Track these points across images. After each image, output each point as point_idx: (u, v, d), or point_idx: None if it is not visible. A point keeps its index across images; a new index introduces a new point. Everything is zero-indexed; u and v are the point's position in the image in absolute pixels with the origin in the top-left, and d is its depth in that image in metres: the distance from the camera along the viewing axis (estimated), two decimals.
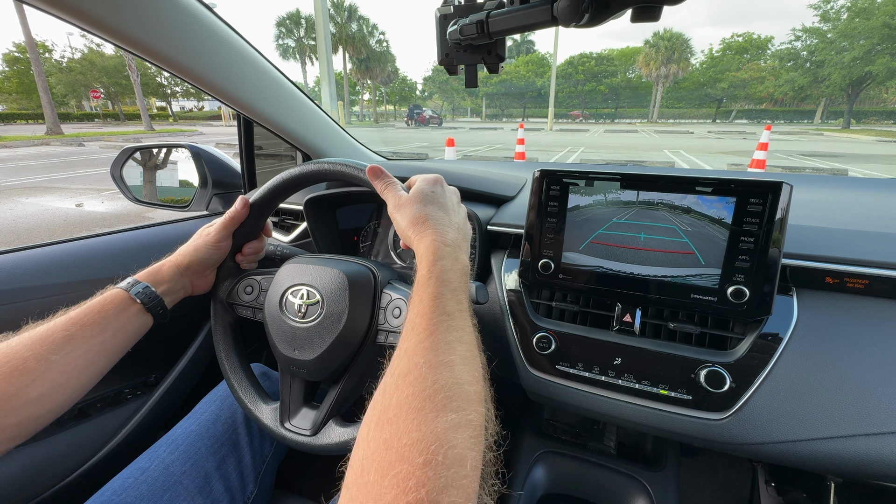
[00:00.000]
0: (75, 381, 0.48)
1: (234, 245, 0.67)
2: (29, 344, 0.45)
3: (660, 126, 36.13)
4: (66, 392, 0.47)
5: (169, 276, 0.59)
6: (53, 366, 0.45)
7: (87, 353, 0.49)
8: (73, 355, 0.47)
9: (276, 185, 0.65)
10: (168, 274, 0.59)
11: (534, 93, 56.53)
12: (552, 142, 17.15)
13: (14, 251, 0.81)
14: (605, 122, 48.23)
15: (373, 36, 44.66)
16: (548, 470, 0.92)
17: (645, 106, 51.52)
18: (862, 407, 0.55)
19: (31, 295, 0.78)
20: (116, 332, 0.52)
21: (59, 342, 0.46)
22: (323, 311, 0.58)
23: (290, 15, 42.49)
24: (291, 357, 0.60)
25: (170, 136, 18.95)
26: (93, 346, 0.49)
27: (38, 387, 0.44)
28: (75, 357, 0.47)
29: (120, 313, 0.53)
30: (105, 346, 0.51)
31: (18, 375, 0.42)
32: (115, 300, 0.53)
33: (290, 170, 0.65)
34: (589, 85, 54.45)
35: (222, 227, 0.64)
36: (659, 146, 15.47)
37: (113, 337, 0.52)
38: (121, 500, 0.57)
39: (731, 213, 0.60)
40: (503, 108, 59.70)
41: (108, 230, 0.95)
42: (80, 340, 0.48)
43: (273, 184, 0.66)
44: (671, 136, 22.27)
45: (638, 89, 52.38)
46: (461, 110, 63.21)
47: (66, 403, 0.47)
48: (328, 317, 0.58)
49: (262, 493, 0.71)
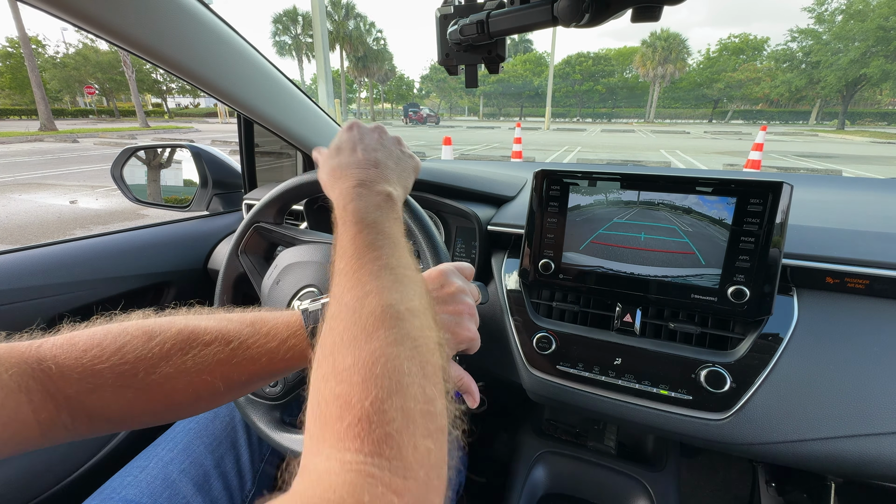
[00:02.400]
0: (212, 408, 0.43)
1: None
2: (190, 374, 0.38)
3: (656, 126, 36.23)
4: (195, 412, 0.42)
5: None
6: (200, 402, 0.40)
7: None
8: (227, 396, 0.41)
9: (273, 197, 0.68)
10: None
11: (531, 92, 56.53)
12: (549, 141, 17.13)
13: (14, 251, 0.80)
14: (603, 121, 48.29)
15: (370, 34, 44.56)
16: (548, 470, 0.92)
17: (642, 106, 51.81)
18: (862, 407, 0.55)
19: (31, 295, 0.77)
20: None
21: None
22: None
23: (286, 12, 42.34)
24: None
25: (165, 133, 18.82)
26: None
27: (176, 414, 0.40)
28: (227, 397, 0.41)
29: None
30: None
31: (163, 400, 0.38)
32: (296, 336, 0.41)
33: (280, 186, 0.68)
34: (586, 84, 54.46)
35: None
36: (655, 146, 15.47)
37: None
38: (120, 499, 0.57)
39: (732, 213, 0.60)
40: (500, 108, 59.73)
41: (108, 230, 0.95)
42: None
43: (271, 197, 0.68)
44: (668, 136, 22.26)
45: (635, 89, 52.59)
46: (458, 109, 63.19)
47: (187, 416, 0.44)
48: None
49: (261, 491, 0.71)
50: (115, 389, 0.35)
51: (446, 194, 0.90)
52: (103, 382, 0.34)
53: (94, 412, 0.35)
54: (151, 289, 0.99)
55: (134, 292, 0.92)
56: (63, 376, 0.33)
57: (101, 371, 0.34)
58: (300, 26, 42.17)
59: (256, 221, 0.70)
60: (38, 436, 0.33)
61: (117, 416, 0.36)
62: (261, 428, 0.63)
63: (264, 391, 0.65)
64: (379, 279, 0.33)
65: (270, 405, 0.64)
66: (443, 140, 7.01)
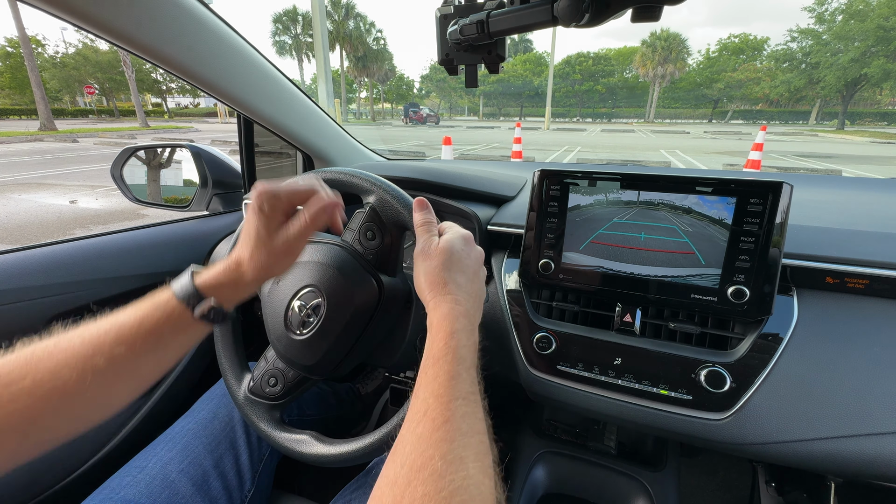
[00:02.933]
0: (117, 399, 0.42)
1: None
2: (72, 359, 0.38)
3: (656, 126, 36.25)
4: (106, 409, 0.42)
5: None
6: (94, 387, 0.39)
7: (136, 372, 0.42)
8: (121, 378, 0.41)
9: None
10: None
11: (531, 92, 56.81)
12: (549, 141, 17.11)
13: (14, 251, 0.80)
14: (602, 121, 48.30)
15: (370, 34, 44.55)
16: (548, 470, 0.92)
17: (642, 106, 51.88)
18: (862, 407, 0.55)
19: (31, 295, 0.77)
20: (174, 348, 0.45)
21: (105, 362, 0.39)
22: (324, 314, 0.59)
23: (286, 11, 42.35)
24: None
25: (165, 133, 18.84)
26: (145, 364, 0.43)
27: (79, 407, 0.39)
28: (123, 377, 0.41)
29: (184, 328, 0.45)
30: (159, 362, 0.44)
31: (59, 397, 0.37)
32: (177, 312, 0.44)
33: (334, 170, 0.64)
34: (586, 84, 54.57)
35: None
36: (655, 146, 15.47)
37: (169, 352, 0.45)
38: (119, 499, 0.57)
39: (732, 213, 0.60)
40: (500, 107, 59.70)
41: (108, 230, 0.95)
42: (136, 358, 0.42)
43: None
44: (668, 136, 22.25)
45: (635, 89, 52.67)
46: (458, 109, 63.08)
47: (104, 416, 0.42)
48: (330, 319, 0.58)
49: (260, 492, 0.71)
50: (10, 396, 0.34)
51: (446, 194, 0.90)
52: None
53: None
54: (151, 289, 0.98)
55: (134, 292, 0.92)
56: None
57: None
58: (300, 26, 42.16)
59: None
60: None
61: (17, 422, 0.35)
62: (261, 427, 0.63)
63: (264, 391, 0.65)
64: (467, 446, 0.34)
65: (270, 405, 0.64)
66: (443, 140, 7.01)
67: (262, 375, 0.65)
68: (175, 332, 0.44)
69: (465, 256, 0.50)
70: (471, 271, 0.50)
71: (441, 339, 0.42)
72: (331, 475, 1.06)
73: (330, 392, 1.00)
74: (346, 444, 0.58)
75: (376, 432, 0.56)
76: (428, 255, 0.49)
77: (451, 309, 0.44)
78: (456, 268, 0.48)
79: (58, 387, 0.37)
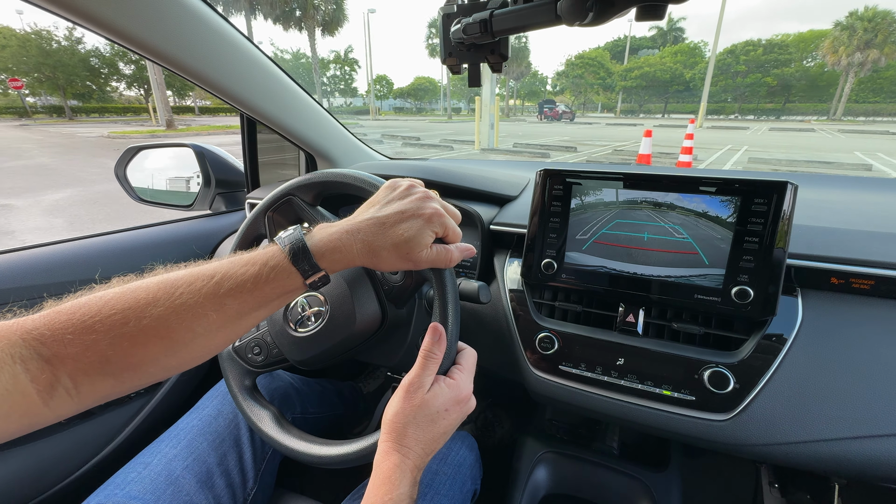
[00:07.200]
0: (214, 348, 0.43)
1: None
2: (180, 312, 0.39)
3: (845, 124, 29.38)
4: (200, 357, 0.42)
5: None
6: (199, 338, 0.40)
7: (238, 326, 0.43)
8: (224, 330, 0.41)
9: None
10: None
11: (680, 86, 48.87)
12: (706, 140, 14.71)
13: (14, 251, 0.81)
14: (769, 119, 40.96)
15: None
16: (550, 470, 0.92)
17: (824, 101, 42.51)
18: (867, 408, 0.55)
19: (31, 294, 0.78)
20: (275, 308, 0.45)
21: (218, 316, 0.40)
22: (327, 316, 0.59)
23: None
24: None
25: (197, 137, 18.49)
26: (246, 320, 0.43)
27: (180, 357, 0.40)
28: (225, 332, 0.42)
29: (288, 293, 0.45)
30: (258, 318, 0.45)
31: (160, 342, 0.38)
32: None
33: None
34: (751, 76, 44.23)
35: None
36: (847, 147, 12.93)
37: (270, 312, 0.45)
38: (124, 495, 0.57)
39: (736, 212, 0.60)
40: (641, 104, 53.14)
41: (110, 230, 0.95)
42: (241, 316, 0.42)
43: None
44: (862, 136, 17.99)
45: (817, 80, 42.81)
46: (591, 105, 57.74)
47: (193, 364, 0.43)
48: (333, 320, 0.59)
49: (263, 490, 0.71)
50: (110, 340, 0.35)
51: (449, 194, 0.90)
52: (97, 336, 0.35)
53: (93, 369, 0.35)
54: None
55: None
56: (57, 338, 0.34)
57: (92, 325, 0.35)
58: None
59: (293, 194, 0.64)
60: (40, 405, 0.33)
61: (117, 369, 0.36)
62: (263, 430, 0.63)
63: (246, 356, 0.67)
64: None
65: (246, 369, 0.66)
66: (643, 133, 6.73)
67: (248, 341, 0.67)
68: (282, 297, 0.44)
69: (441, 418, 0.47)
70: (439, 431, 0.47)
71: (379, 498, 0.41)
72: (332, 474, 1.06)
73: (333, 391, 1.00)
74: (346, 445, 0.58)
75: (370, 436, 0.54)
76: (408, 395, 0.46)
77: (397, 464, 0.43)
78: (424, 423, 0.46)
79: (162, 334, 0.38)
